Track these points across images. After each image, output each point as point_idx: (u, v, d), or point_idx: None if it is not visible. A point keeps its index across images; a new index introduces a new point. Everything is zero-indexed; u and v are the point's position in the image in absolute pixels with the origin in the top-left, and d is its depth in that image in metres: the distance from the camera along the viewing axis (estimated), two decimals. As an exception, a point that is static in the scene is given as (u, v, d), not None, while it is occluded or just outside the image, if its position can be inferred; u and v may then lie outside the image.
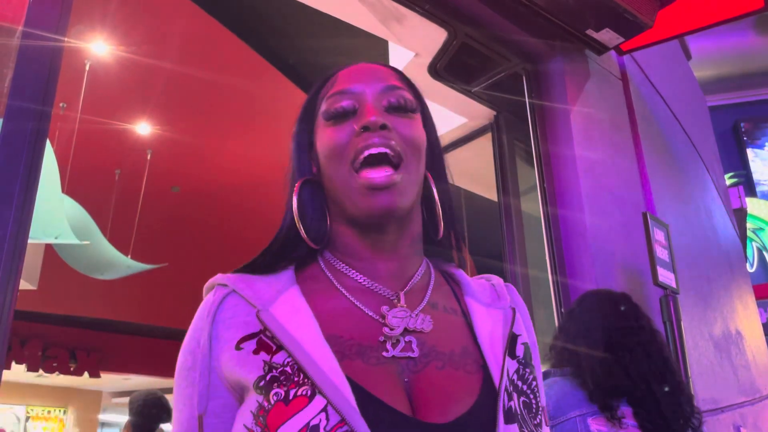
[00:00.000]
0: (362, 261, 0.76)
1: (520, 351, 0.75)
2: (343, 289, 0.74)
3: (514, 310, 0.79)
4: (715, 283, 4.03)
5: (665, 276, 2.77)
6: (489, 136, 3.35)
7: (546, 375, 1.82)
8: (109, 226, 6.81)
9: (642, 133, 3.38)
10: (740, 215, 7.51)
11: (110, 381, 10.86)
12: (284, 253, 0.78)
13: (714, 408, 3.09)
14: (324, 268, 0.77)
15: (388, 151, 0.71)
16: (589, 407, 1.67)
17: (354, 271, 0.75)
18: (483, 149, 3.39)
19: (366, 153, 0.71)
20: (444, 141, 3.56)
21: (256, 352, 0.67)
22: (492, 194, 3.28)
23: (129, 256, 6.50)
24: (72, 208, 5.42)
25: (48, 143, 1.67)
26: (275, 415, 0.61)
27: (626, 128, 3.32)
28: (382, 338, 0.69)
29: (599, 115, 3.11)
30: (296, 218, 0.76)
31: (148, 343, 10.02)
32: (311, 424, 0.59)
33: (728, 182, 7.97)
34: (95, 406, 12.34)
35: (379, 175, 0.70)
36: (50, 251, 6.15)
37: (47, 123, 1.57)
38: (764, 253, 12.48)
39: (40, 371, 9.58)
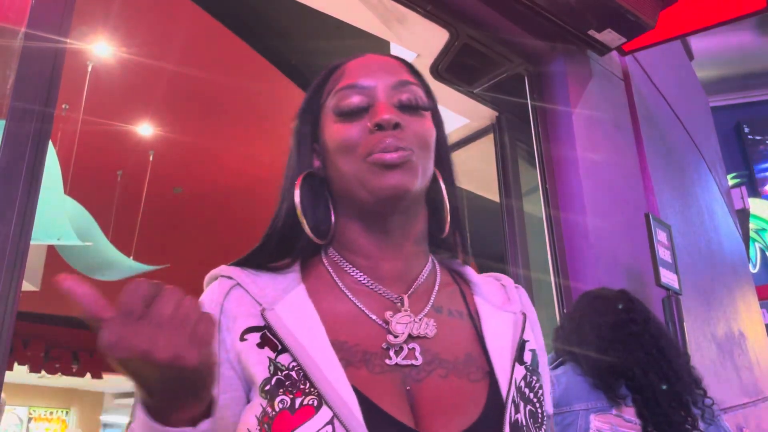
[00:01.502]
0: (366, 259, 0.74)
1: (528, 357, 0.74)
2: (347, 291, 0.73)
3: (524, 315, 0.77)
4: (717, 283, 4.02)
5: (668, 277, 2.77)
6: (491, 136, 3.35)
7: (554, 366, 1.83)
8: (111, 227, 6.81)
9: (644, 134, 3.38)
10: (743, 216, 7.49)
11: (112, 382, 10.87)
12: (285, 248, 0.76)
13: (718, 407, 3.08)
14: (327, 266, 0.76)
15: (401, 158, 0.70)
16: (595, 402, 1.68)
17: (358, 271, 0.74)
18: (485, 150, 3.39)
19: (380, 157, 0.69)
20: (446, 142, 3.59)
21: (260, 346, 0.66)
22: (494, 195, 3.27)
23: (131, 257, 6.50)
24: (74, 209, 5.43)
25: (50, 144, 1.67)
26: (280, 423, 0.60)
27: (628, 129, 3.31)
28: (385, 345, 0.68)
29: (601, 116, 3.10)
30: (299, 212, 0.74)
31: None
32: None
33: (731, 183, 7.95)
34: (97, 407, 12.36)
35: (391, 154, 0.69)
36: (52, 252, 6.16)
37: (50, 124, 1.58)
38: (767, 253, 12.45)
39: (43, 372, 9.60)
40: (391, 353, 0.68)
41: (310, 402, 0.61)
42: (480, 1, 2.70)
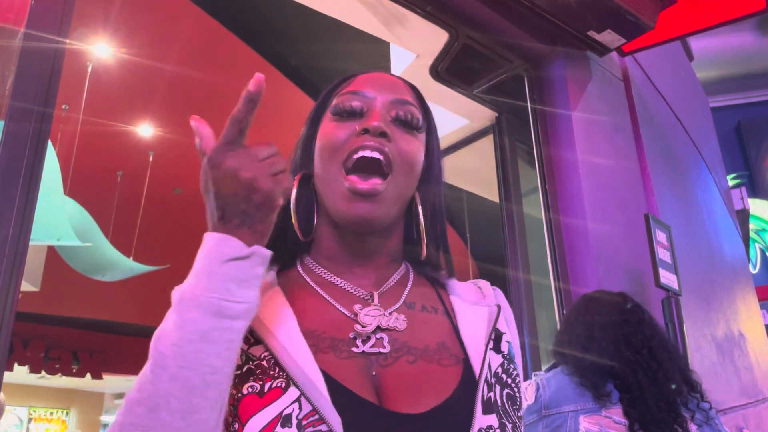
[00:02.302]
0: (340, 264, 0.77)
1: (505, 347, 0.76)
2: (318, 288, 0.76)
3: (498, 307, 0.80)
4: (717, 284, 4.02)
5: (667, 278, 2.77)
6: (491, 137, 3.35)
7: (548, 369, 1.84)
8: (111, 228, 6.81)
9: (644, 135, 3.38)
10: (743, 216, 7.50)
11: (112, 382, 10.87)
12: (275, 248, 0.78)
13: (716, 410, 3.08)
14: (302, 272, 0.79)
15: (381, 157, 0.73)
16: (584, 404, 1.68)
17: (331, 274, 0.77)
18: (484, 151, 3.39)
19: (359, 154, 0.73)
20: (446, 142, 3.59)
21: None
22: (494, 196, 3.27)
23: (131, 258, 6.50)
24: (74, 209, 5.43)
25: (50, 145, 1.67)
26: (247, 405, 0.63)
27: (628, 129, 3.32)
28: (353, 335, 0.71)
29: (601, 117, 3.10)
30: (292, 211, 0.77)
31: (149, 344, 10.01)
32: (284, 413, 0.61)
33: (731, 183, 7.95)
34: (97, 407, 12.36)
35: (364, 183, 0.72)
36: (52, 253, 6.16)
37: (49, 124, 1.58)
38: (767, 254, 12.46)
39: (43, 373, 9.60)
40: (359, 342, 0.70)
41: (279, 384, 0.64)
42: (479, 2, 2.71)
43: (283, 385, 0.63)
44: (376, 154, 0.72)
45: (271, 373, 0.65)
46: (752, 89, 13.05)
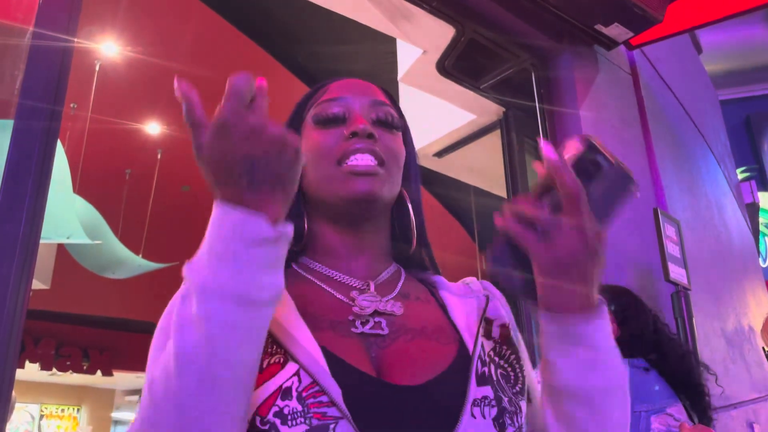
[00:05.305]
0: (336, 258, 0.79)
1: (496, 333, 0.78)
2: (316, 280, 0.77)
3: (487, 297, 0.82)
4: (727, 278, 4.00)
5: (677, 272, 2.76)
6: (498, 132, 3.34)
7: None
8: (120, 226, 6.85)
9: (652, 129, 3.36)
10: (752, 210, 7.45)
11: (123, 379, 10.93)
12: None
13: (726, 404, 3.07)
14: (298, 269, 0.80)
15: (372, 157, 0.75)
16: (652, 403, 1.67)
17: (327, 268, 0.78)
18: (492, 146, 3.38)
19: (352, 157, 0.75)
20: (453, 137, 3.59)
21: None
22: (501, 191, 3.27)
23: (140, 256, 6.54)
24: (83, 207, 5.46)
25: (59, 143, 1.68)
26: None
27: (636, 124, 3.30)
28: (351, 317, 0.72)
29: (609, 111, 3.09)
30: None
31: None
32: (284, 386, 0.62)
33: (740, 177, 7.90)
34: (108, 404, 12.42)
35: (363, 162, 0.74)
36: (62, 251, 6.20)
37: (58, 123, 1.58)
38: (777, 248, 12.37)
39: (54, 370, 9.66)
40: (358, 323, 0.71)
41: (276, 360, 0.64)
42: (486, -3, 2.70)
43: (281, 360, 0.64)
44: (368, 155, 0.75)
45: (269, 350, 0.65)
46: (762, 82, 12.94)
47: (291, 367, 0.63)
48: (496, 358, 0.74)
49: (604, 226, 0.66)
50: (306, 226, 0.80)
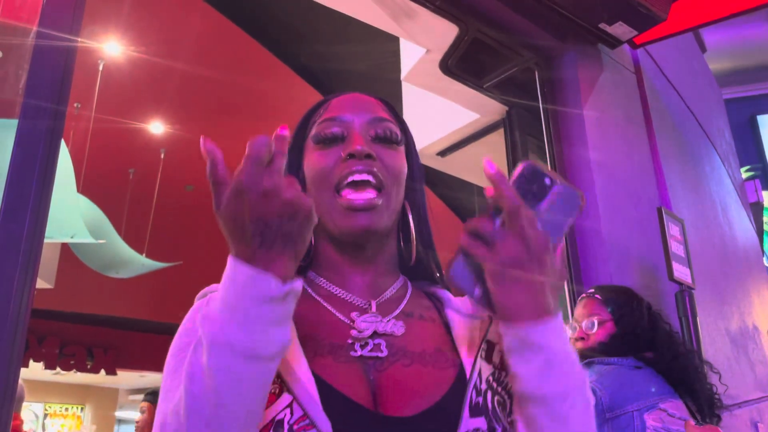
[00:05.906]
0: (340, 275, 0.80)
1: (497, 358, 0.77)
2: (319, 298, 0.78)
3: (490, 318, 0.80)
4: (731, 277, 3.99)
5: (681, 271, 2.75)
6: (501, 132, 3.33)
7: (590, 364, 1.83)
8: (124, 225, 6.86)
9: (656, 127, 3.36)
10: (757, 209, 7.43)
11: (126, 378, 10.97)
12: None
13: (731, 404, 3.06)
14: (304, 284, 0.80)
15: (370, 178, 0.75)
16: (644, 400, 1.67)
17: (331, 284, 0.79)
18: (495, 145, 3.38)
19: (350, 179, 0.75)
20: (456, 137, 3.58)
21: None
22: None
23: (144, 255, 6.54)
24: (87, 207, 5.47)
25: (63, 143, 1.68)
26: None
27: (640, 122, 3.29)
28: (350, 340, 0.73)
29: (613, 110, 3.08)
30: None
31: (163, 340, 9.89)
32: (276, 419, 0.63)
33: (744, 176, 7.87)
34: (112, 403, 12.46)
35: (360, 197, 0.75)
36: (66, 250, 6.21)
37: (62, 122, 1.59)
38: (781, 247, 12.33)
39: (58, 369, 9.69)
40: (357, 346, 0.72)
41: (273, 390, 0.65)
42: (490, -4, 2.69)
43: (277, 390, 0.65)
44: (365, 176, 0.75)
45: None
46: (766, 81, 12.90)
47: (285, 399, 0.64)
48: (494, 384, 0.74)
49: (556, 239, 0.68)
50: (312, 241, 0.81)
